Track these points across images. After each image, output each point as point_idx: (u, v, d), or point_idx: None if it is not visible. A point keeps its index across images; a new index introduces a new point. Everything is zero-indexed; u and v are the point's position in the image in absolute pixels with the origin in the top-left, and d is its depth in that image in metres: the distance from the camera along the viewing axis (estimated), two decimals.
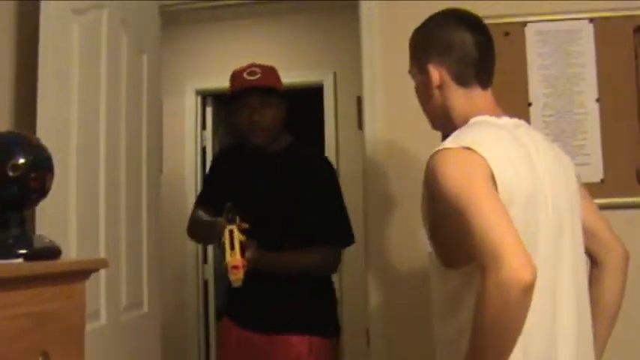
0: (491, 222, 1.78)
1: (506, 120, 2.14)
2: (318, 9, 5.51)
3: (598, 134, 3.27)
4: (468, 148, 1.93)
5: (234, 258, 2.95)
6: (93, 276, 2.26)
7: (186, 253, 5.84)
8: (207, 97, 6.35)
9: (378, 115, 3.56)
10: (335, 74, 5.69)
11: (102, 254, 2.95)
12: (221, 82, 6.18)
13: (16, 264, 1.95)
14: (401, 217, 3.43)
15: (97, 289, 2.91)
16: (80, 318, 2.12)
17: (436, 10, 3.35)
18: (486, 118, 2.12)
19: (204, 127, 6.23)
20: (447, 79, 2.18)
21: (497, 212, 1.81)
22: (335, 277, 3.66)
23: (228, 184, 3.42)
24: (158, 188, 3.65)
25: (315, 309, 3.32)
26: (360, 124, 3.77)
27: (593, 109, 3.32)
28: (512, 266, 1.70)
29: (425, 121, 3.44)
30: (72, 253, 2.73)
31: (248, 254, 3.01)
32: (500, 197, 1.86)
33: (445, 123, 2.23)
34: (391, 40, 3.58)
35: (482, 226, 1.78)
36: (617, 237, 2.25)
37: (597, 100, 3.32)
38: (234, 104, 3.39)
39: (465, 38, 2.17)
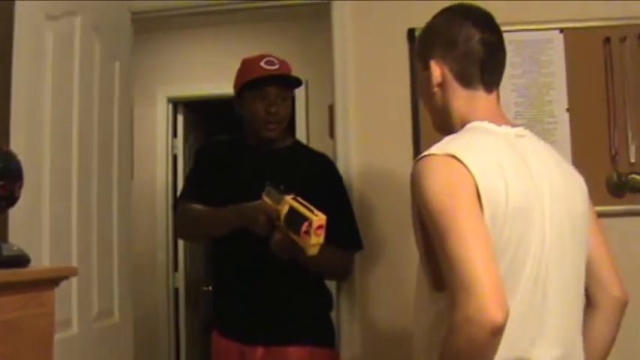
0: (470, 252, 1.70)
1: (506, 129, 2.00)
2: (289, 16, 5.52)
3: (568, 143, 3.29)
4: (453, 157, 1.83)
5: (319, 217, 2.63)
6: (65, 285, 2.25)
7: (156, 260, 5.82)
8: (178, 104, 6.33)
9: (350, 124, 3.56)
10: (306, 82, 5.70)
11: (74, 262, 2.94)
12: (192, 89, 6.25)
13: None
14: (372, 224, 3.43)
15: (69, 298, 2.90)
16: (50, 326, 2.11)
17: (404, 19, 3.36)
18: (484, 124, 1.99)
19: (175, 134, 6.21)
20: (449, 77, 2.04)
21: (479, 242, 1.73)
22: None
23: (227, 180, 3.20)
24: (129, 195, 3.64)
25: (314, 317, 3.18)
26: (332, 133, 3.77)
27: (563, 119, 3.34)
28: (485, 305, 1.64)
29: (397, 130, 3.50)
30: (45, 261, 2.73)
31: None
32: (484, 211, 1.79)
33: (445, 125, 2.09)
34: (363, 48, 3.60)
35: (459, 255, 1.70)
36: (619, 278, 2.09)
37: (567, 110, 3.35)
38: (246, 94, 3.19)
39: (471, 34, 2.02)
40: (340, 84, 3.61)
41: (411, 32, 3.47)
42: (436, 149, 1.88)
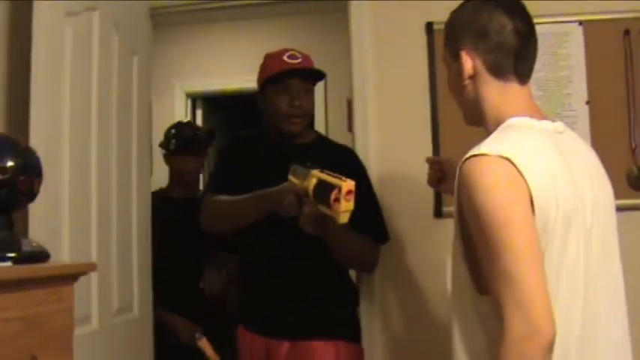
0: (526, 270, 1.68)
1: (546, 124, 1.96)
2: (308, 11, 5.51)
3: (588, 137, 3.26)
4: (507, 159, 1.76)
5: (348, 182, 2.60)
6: (84, 280, 2.26)
7: None
8: (197, 99, 6.34)
9: (369, 118, 3.56)
10: (325, 77, 5.69)
11: (94, 258, 2.94)
12: (211, 84, 6.25)
13: (4, 267, 1.94)
14: (390, 219, 3.42)
15: (88, 293, 2.90)
16: (69, 321, 2.12)
17: (423, 13, 3.35)
18: (525, 120, 1.93)
19: None
20: (482, 68, 1.97)
21: (533, 258, 1.70)
22: None
23: (251, 176, 3.13)
24: (148, 190, 3.64)
25: (340, 313, 3.18)
26: (350, 127, 3.76)
27: (582, 112, 3.33)
28: (539, 325, 1.64)
29: (415, 124, 3.49)
30: (64, 256, 2.73)
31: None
32: (536, 219, 1.74)
33: (477, 118, 2.04)
34: (381, 42, 3.59)
35: (514, 273, 1.68)
36: None
37: (587, 103, 3.33)
38: (269, 89, 3.18)
39: (504, 24, 1.94)
40: (358, 78, 3.60)
41: (429, 26, 3.46)
42: (487, 149, 1.81)
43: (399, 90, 3.56)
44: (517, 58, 1.96)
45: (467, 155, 1.82)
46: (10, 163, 2.02)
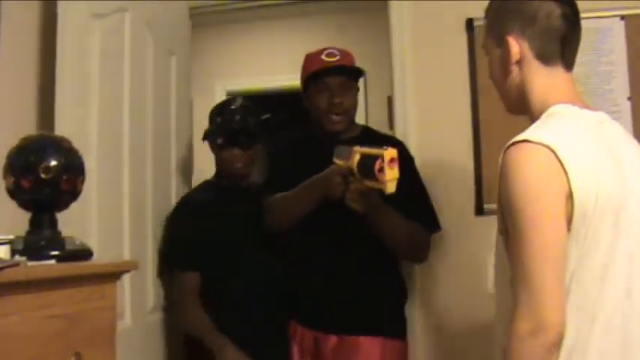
0: (545, 267, 1.69)
1: (588, 113, 1.91)
2: (347, 9, 5.52)
3: (630, 132, 3.19)
4: (549, 148, 1.74)
5: (389, 150, 2.60)
6: None
7: None
8: None
9: (409, 115, 3.55)
10: (365, 74, 5.68)
11: (126, 256, 2.97)
12: (251, 82, 6.27)
13: (49, 265, 1.97)
14: None
15: (122, 291, 2.91)
16: (111, 319, 2.13)
17: (463, 10, 3.34)
18: (569, 108, 1.90)
19: None
20: (528, 54, 1.95)
21: (555, 256, 1.71)
22: None
23: (300, 176, 3.09)
24: (189, 188, 3.66)
25: (388, 309, 3.19)
26: (391, 124, 3.76)
27: (625, 108, 3.29)
28: (543, 318, 1.66)
29: (456, 121, 3.47)
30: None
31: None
32: (574, 211, 1.73)
33: (521, 105, 2.01)
34: (421, 39, 3.58)
35: (533, 267, 1.69)
36: None
37: (629, 99, 3.29)
38: (310, 88, 3.21)
39: (551, 9, 1.92)
40: (399, 75, 3.60)
41: (469, 22, 3.45)
42: (531, 135, 1.79)
43: (439, 87, 3.55)
44: (564, 44, 1.95)
45: (509, 142, 1.81)
46: (53, 163, 2.04)
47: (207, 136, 3.47)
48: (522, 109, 2.01)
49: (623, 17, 3.32)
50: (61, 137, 2.19)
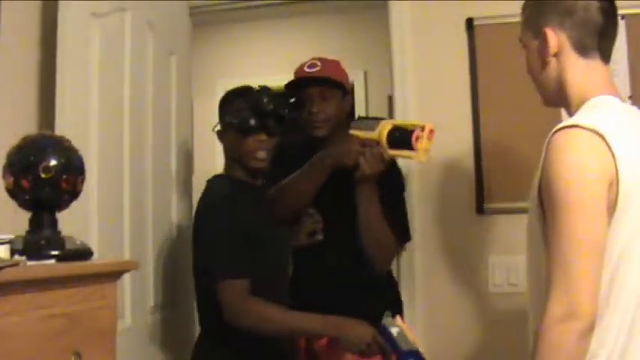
0: (582, 255, 1.70)
1: (628, 106, 1.95)
2: (347, 8, 5.52)
3: None
4: (598, 133, 1.76)
5: (429, 124, 2.75)
6: None
7: None
8: None
9: (409, 115, 3.55)
10: (365, 73, 5.69)
11: (126, 256, 2.97)
12: (252, 82, 6.26)
13: (49, 265, 1.96)
14: (431, 213, 3.42)
15: (122, 289, 2.90)
16: (112, 318, 2.13)
17: (463, 10, 3.35)
18: (610, 99, 1.92)
19: None
20: (567, 46, 1.96)
21: (593, 245, 1.72)
22: None
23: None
24: (189, 189, 3.66)
25: (376, 303, 3.10)
26: None
27: None
28: (576, 304, 1.67)
29: (456, 121, 3.47)
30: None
31: None
32: (619, 198, 1.75)
33: (558, 98, 2.03)
34: (421, 39, 3.58)
35: (564, 251, 1.71)
36: None
37: (630, 97, 3.29)
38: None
39: (589, 2, 1.94)
40: (399, 75, 3.61)
41: (469, 22, 3.44)
42: (582, 121, 1.81)
43: (439, 86, 3.56)
44: (601, 36, 1.96)
45: (558, 127, 1.83)
46: (53, 162, 2.04)
47: (226, 123, 3.07)
48: (560, 101, 2.03)
49: (623, 17, 3.31)
50: (61, 137, 2.18)
